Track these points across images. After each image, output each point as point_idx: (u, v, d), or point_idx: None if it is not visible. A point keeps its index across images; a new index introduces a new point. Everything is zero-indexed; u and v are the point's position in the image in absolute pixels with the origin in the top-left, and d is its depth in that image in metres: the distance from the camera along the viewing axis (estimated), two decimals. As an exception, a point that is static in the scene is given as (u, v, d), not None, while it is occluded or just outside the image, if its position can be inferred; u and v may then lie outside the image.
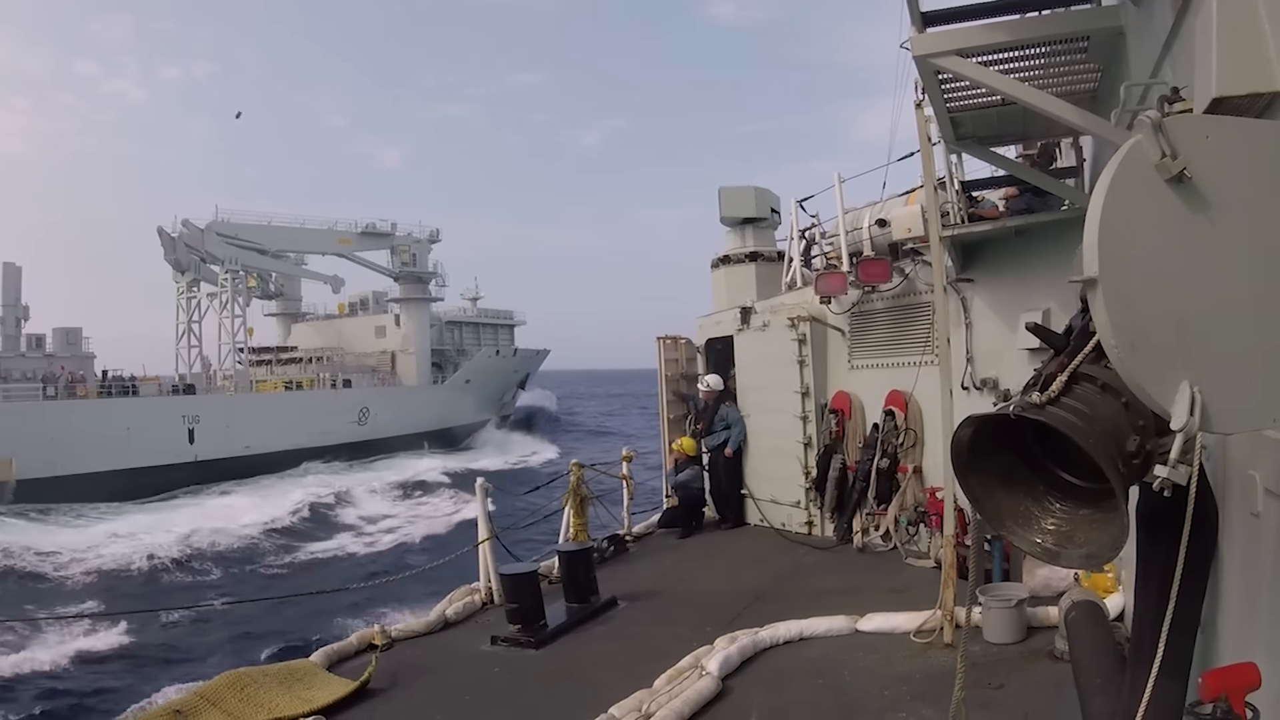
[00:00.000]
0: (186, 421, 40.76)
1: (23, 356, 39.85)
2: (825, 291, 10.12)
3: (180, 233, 46.03)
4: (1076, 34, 4.99)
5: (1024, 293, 8.08)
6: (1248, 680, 2.14)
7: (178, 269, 46.57)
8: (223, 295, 47.49)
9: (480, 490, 8.99)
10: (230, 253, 47.47)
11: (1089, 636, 4.48)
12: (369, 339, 58.23)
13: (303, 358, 54.34)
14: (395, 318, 58.20)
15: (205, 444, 41.00)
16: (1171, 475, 2.05)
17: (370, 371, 55.02)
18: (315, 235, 53.43)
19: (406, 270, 56.55)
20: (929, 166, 6.78)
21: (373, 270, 57.89)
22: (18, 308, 40.59)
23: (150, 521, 31.35)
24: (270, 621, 22.24)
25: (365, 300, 60.79)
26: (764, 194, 14.56)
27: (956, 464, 2.56)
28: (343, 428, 48.26)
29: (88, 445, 35.81)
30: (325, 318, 60.78)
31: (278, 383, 50.52)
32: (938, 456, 8.72)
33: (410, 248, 56.94)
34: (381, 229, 55.99)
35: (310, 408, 47.31)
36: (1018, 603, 6.60)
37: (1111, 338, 1.95)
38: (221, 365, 47.63)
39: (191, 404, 41.98)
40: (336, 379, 50.81)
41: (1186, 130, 2.00)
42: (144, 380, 42.89)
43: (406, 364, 56.64)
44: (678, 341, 13.74)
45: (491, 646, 7.43)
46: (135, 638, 20.89)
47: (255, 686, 6.19)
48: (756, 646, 6.76)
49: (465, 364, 60.18)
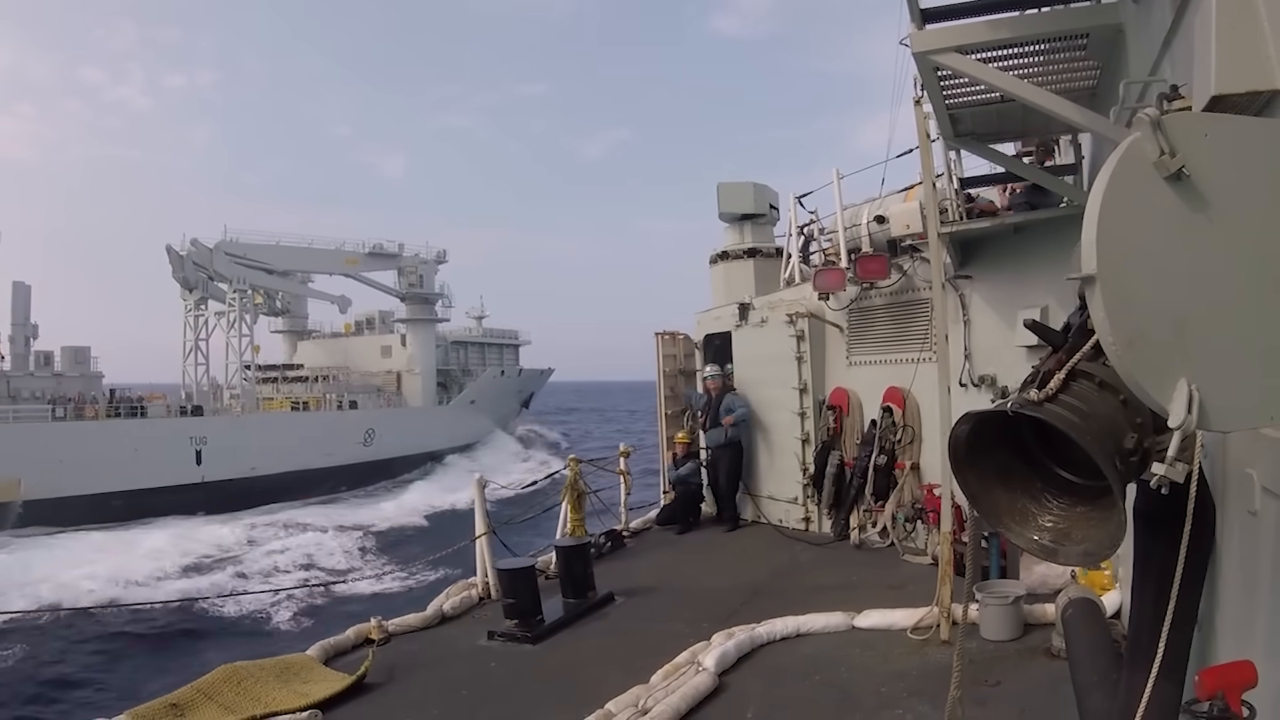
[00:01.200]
0: (194, 443, 40.71)
1: (32, 375, 40.08)
2: (823, 288, 10.12)
3: (189, 251, 46.03)
4: (1076, 31, 4.98)
5: (1022, 290, 8.07)
6: (1244, 678, 2.14)
7: (186, 287, 46.52)
8: (230, 314, 47.54)
9: (477, 486, 9.01)
10: (238, 272, 47.53)
11: (1086, 634, 4.49)
12: (375, 358, 58.36)
13: (309, 376, 54.21)
14: (401, 337, 58.38)
15: (212, 465, 40.91)
16: (1169, 473, 2.05)
17: (376, 391, 55.06)
18: (323, 255, 53.56)
19: (413, 291, 56.80)
20: (928, 163, 6.77)
21: (380, 290, 58.07)
22: (27, 326, 40.90)
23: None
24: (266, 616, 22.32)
25: (371, 319, 60.95)
26: (762, 190, 14.56)
27: (954, 461, 2.56)
28: (348, 449, 48.27)
29: (95, 466, 35.71)
30: (331, 336, 60.84)
31: (284, 401, 50.50)
32: (935, 453, 8.72)
33: (417, 269, 57.16)
34: (389, 249, 56.18)
35: (316, 430, 47.17)
36: (1015, 600, 6.60)
37: (1109, 335, 1.95)
38: (229, 383, 47.65)
39: (199, 425, 41.90)
40: (343, 400, 50.81)
41: (1185, 128, 2.00)
42: (151, 399, 43.05)
43: (412, 384, 56.80)
44: (676, 337, 13.74)
45: (488, 641, 7.43)
46: (132, 633, 20.94)
47: (252, 680, 6.19)
48: (754, 642, 6.76)
49: (470, 385, 60.47)
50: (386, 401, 54.94)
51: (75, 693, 17.37)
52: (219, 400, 46.86)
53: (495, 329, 68.07)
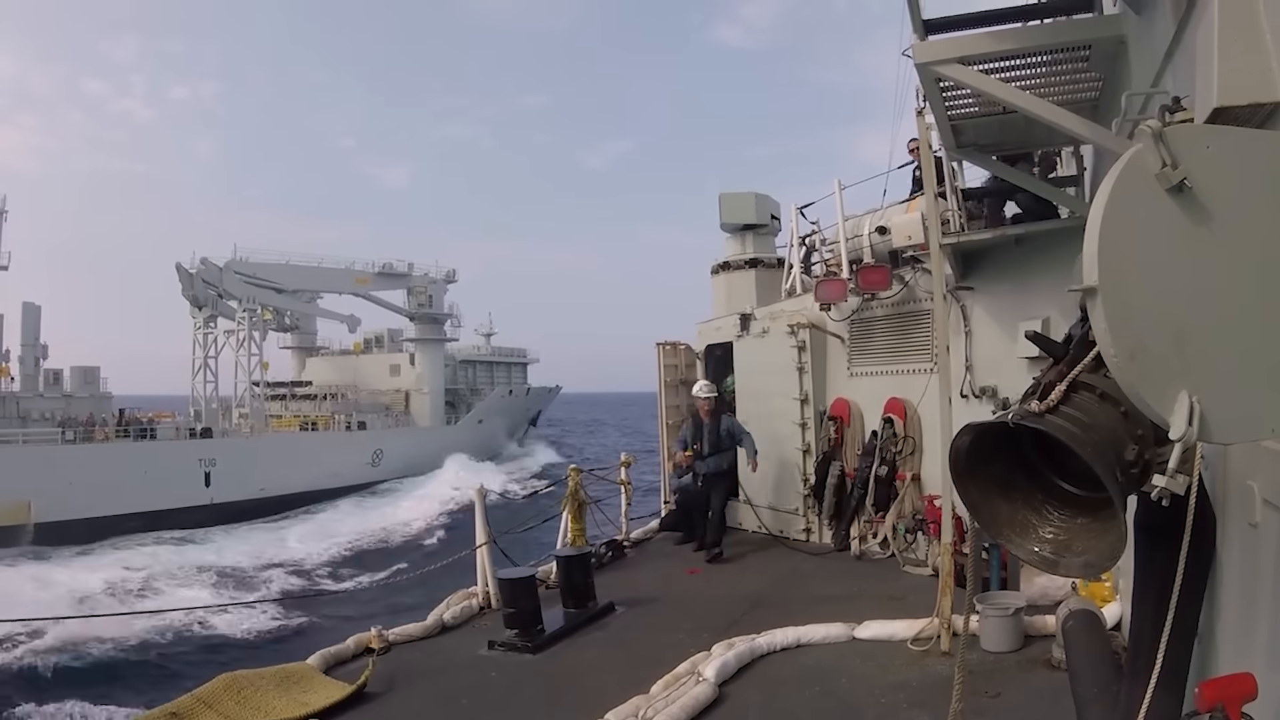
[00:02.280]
0: (203, 465, 40.78)
1: (41, 397, 40.13)
2: (825, 298, 10.13)
3: (198, 269, 46.24)
4: (1078, 43, 5.00)
5: (1024, 301, 8.07)
6: (1244, 690, 2.14)
7: (195, 304, 46.69)
8: (240, 333, 47.72)
9: (478, 495, 9.01)
10: (248, 291, 47.80)
11: (1086, 645, 4.48)
12: (383, 376, 58.46)
13: (318, 394, 54.30)
14: (410, 356, 58.52)
15: (221, 487, 40.94)
16: (1170, 485, 2.05)
17: (384, 410, 55.16)
18: (333, 274, 53.78)
19: (423, 311, 57.02)
20: (929, 174, 6.79)
21: (389, 310, 58.30)
22: (36, 347, 41.05)
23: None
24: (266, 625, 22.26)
25: (380, 337, 61.16)
26: (764, 200, 14.58)
27: (955, 472, 2.56)
28: (355, 470, 48.37)
29: (105, 489, 35.73)
30: (340, 353, 61.01)
31: (293, 420, 50.57)
32: (936, 464, 8.72)
33: (427, 288, 57.36)
34: (399, 269, 56.42)
35: (324, 451, 47.31)
36: (1015, 611, 6.59)
37: (1111, 347, 1.95)
38: (237, 402, 47.78)
39: (208, 447, 41.99)
40: (351, 420, 50.89)
41: (1187, 140, 2.00)
42: (159, 418, 43.29)
43: (420, 404, 57.01)
44: (677, 347, 13.73)
45: (489, 651, 7.42)
46: (133, 640, 20.88)
47: (252, 689, 6.18)
48: (754, 653, 6.75)
49: (479, 404, 60.88)
50: (395, 421, 55.05)
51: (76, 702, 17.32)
52: (228, 419, 46.96)
53: (503, 347, 68.64)
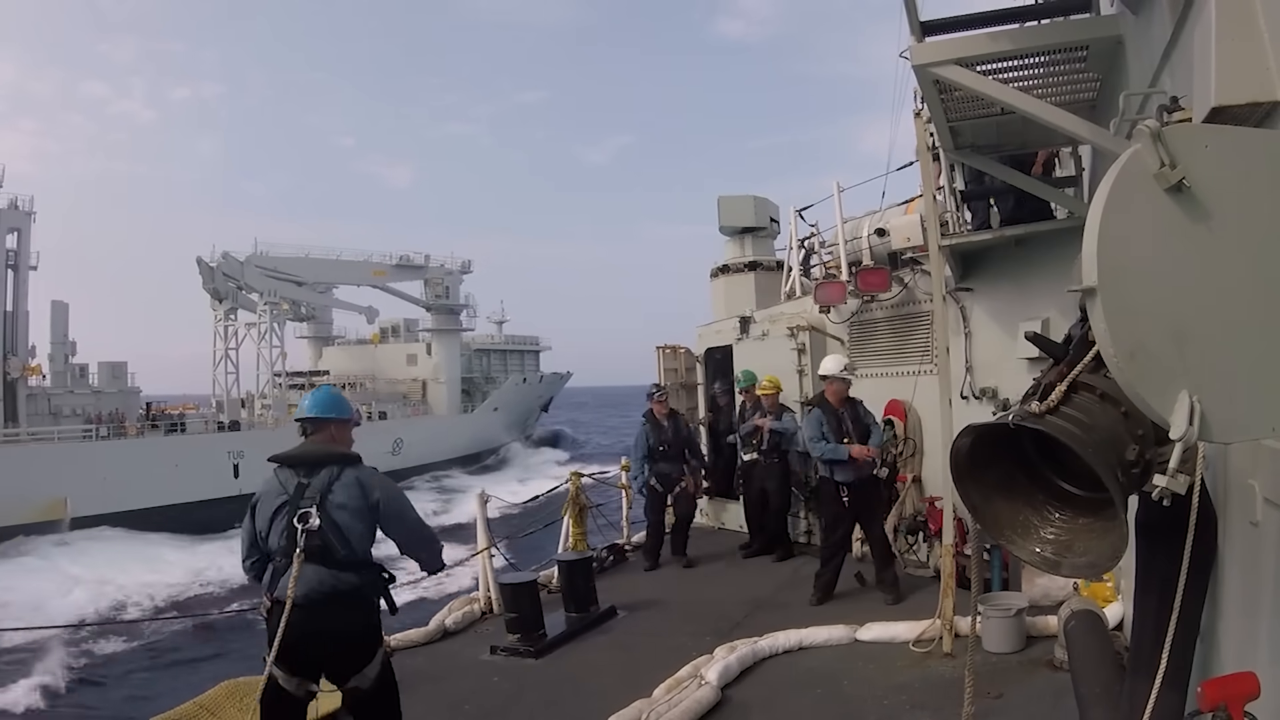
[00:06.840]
0: (231, 457, 41.26)
1: (71, 393, 40.80)
2: (824, 301, 10.12)
3: (219, 263, 46.77)
4: (1075, 43, 4.99)
5: (1023, 302, 8.06)
6: (1247, 690, 2.13)
7: (216, 298, 47.24)
8: (261, 325, 48.31)
9: (479, 501, 9.01)
10: (269, 284, 48.35)
11: (1088, 646, 4.47)
12: (400, 366, 59.41)
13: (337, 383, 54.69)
14: (427, 346, 59.37)
15: (249, 478, 41.20)
16: (1170, 484, 2.05)
17: (402, 399, 56.10)
18: (351, 267, 54.57)
19: (439, 302, 57.99)
20: (928, 176, 6.79)
21: (406, 301, 59.20)
22: (65, 344, 41.68)
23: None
24: (268, 630, 22.15)
25: (396, 327, 61.87)
26: (763, 203, 14.60)
27: (955, 473, 2.56)
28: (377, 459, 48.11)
29: (138, 483, 36.27)
30: (357, 342, 61.87)
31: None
32: (937, 466, 8.70)
33: (443, 280, 58.35)
34: (415, 261, 57.23)
35: None
36: (1017, 612, 6.59)
37: (1110, 347, 1.95)
38: (259, 393, 48.30)
39: (236, 440, 42.51)
40: (371, 410, 51.35)
41: (1185, 139, 2.00)
42: (185, 409, 44.08)
43: (437, 393, 58.03)
44: (677, 351, 13.73)
45: (491, 656, 7.41)
46: (134, 647, 20.87)
47: (254, 696, 6.16)
48: (756, 656, 6.75)
49: (494, 392, 62.21)
50: (413, 410, 56.09)
51: (77, 709, 17.31)
52: (251, 411, 47.52)
53: (516, 335, 69.76)
